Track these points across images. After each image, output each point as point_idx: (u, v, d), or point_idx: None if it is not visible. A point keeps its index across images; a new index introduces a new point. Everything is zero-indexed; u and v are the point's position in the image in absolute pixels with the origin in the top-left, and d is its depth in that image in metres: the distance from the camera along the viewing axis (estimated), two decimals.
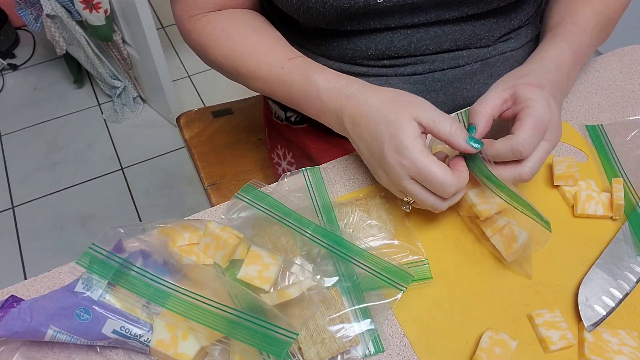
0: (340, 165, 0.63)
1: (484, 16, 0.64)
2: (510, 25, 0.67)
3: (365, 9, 0.58)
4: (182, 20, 0.66)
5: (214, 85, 1.96)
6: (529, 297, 0.52)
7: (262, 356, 0.44)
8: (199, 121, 1.01)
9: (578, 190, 0.58)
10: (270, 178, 0.92)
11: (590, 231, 0.57)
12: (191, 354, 0.46)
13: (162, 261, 0.50)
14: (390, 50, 0.64)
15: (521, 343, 0.49)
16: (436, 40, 0.64)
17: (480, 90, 0.70)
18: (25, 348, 0.48)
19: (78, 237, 1.56)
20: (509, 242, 0.53)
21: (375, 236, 0.55)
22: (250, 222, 0.56)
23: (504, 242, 0.53)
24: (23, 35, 2.10)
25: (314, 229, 0.53)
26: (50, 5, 1.51)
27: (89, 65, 1.74)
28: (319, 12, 0.58)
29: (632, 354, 0.47)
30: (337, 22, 0.60)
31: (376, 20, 0.61)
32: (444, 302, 0.52)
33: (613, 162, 0.62)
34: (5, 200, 1.65)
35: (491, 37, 0.67)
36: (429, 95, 0.68)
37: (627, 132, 0.64)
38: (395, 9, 0.59)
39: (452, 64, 0.66)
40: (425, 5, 0.60)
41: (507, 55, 0.69)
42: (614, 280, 0.52)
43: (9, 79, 1.99)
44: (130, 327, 0.46)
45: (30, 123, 1.86)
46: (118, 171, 1.73)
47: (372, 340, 0.49)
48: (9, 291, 0.52)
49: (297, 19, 0.63)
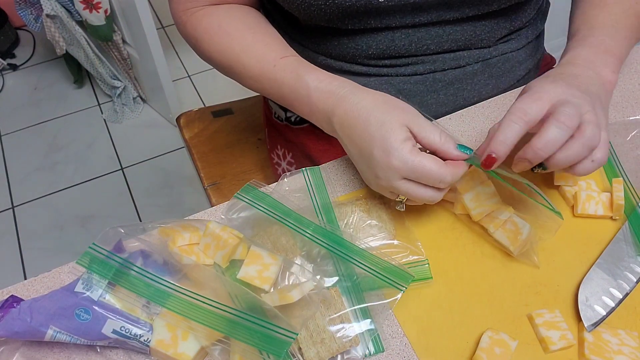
0: (340, 165, 0.63)
1: (485, 17, 0.64)
2: (511, 26, 0.67)
3: (367, 7, 0.58)
4: (177, 12, 0.66)
5: (214, 85, 1.96)
6: (529, 297, 0.52)
7: (262, 356, 0.44)
8: (199, 121, 1.01)
9: (578, 190, 0.58)
10: (270, 178, 0.92)
11: (590, 231, 0.57)
12: (191, 354, 0.46)
13: (162, 261, 0.50)
14: (391, 50, 0.64)
15: (521, 343, 0.49)
16: (437, 40, 0.64)
17: (480, 91, 0.70)
18: (25, 348, 0.48)
19: (78, 237, 1.56)
20: (514, 235, 0.53)
21: (375, 236, 0.55)
22: (250, 222, 0.56)
23: (508, 237, 0.54)
24: (23, 35, 2.10)
25: (314, 229, 0.53)
26: (50, 5, 1.51)
27: (89, 65, 1.74)
28: (321, 10, 0.58)
29: (632, 354, 0.47)
30: (339, 20, 0.60)
31: (377, 19, 0.61)
32: (444, 302, 0.52)
33: (613, 162, 0.62)
34: (5, 200, 1.65)
35: (492, 38, 0.67)
36: (430, 95, 0.68)
37: (627, 132, 0.64)
38: (397, 9, 0.59)
39: (453, 64, 0.66)
40: (427, 6, 0.60)
41: (508, 56, 0.69)
42: (614, 280, 0.52)
43: (9, 79, 1.99)
44: (130, 327, 0.46)
45: (30, 123, 1.86)
46: (118, 171, 1.73)
47: (372, 340, 0.49)
48: (9, 291, 0.52)
49: (298, 16, 0.63)
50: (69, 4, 1.53)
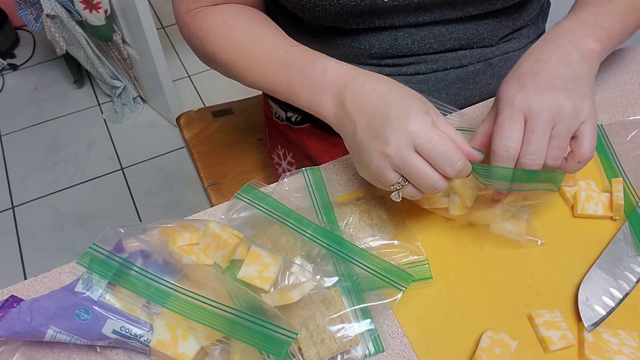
0: (340, 165, 0.63)
1: (488, 16, 0.64)
2: (513, 25, 0.67)
3: (371, 7, 0.58)
4: (180, 13, 0.65)
5: (214, 85, 1.96)
6: (529, 297, 0.52)
7: (262, 356, 0.44)
8: (199, 121, 1.01)
9: (578, 190, 0.58)
10: (270, 178, 0.92)
11: (590, 231, 0.57)
12: (191, 354, 0.46)
13: (162, 261, 0.50)
14: (394, 49, 0.64)
15: (521, 343, 0.49)
16: (440, 39, 0.64)
17: (482, 91, 0.70)
18: (25, 348, 0.48)
19: (78, 237, 1.56)
20: (517, 224, 0.55)
21: (375, 236, 0.55)
22: (250, 222, 0.56)
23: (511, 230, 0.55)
24: (23, 35, 2.10)
25: (314, 229, 0.53)
26: (50, 5, 1.51)
27: (89, 65, 1.74)
28: (326, 10, 0.58)
29: (632, 354, 0.47)
30: (343, 20, 0.60)
31: (381, 18, 0.61)
32: (444, 302, 0.52)
33: (613, 162, 0.62)
34: (5, 200, 1.65)
35: (494, 37, 0.67)
36: (432, 95, 0.68)
37: (627, 132, 0.64)
38: (401, 8, 0.60)
39: (455, 63, 0.67)
40: (431, 5, 0.60)
41: (509, 56, 0.70)
42: (614, 280, 0.52)
43: (9, 79, 1.99)
44: (130, 327, 0.46)
45: (30, 123, 1.86)
46: (118, 171, 1.73)
47: (372, 340, 0.49)
48: (9, 291, 0.52)
49: (301, 16, 0.63)
50: (69, 4, 1.53)
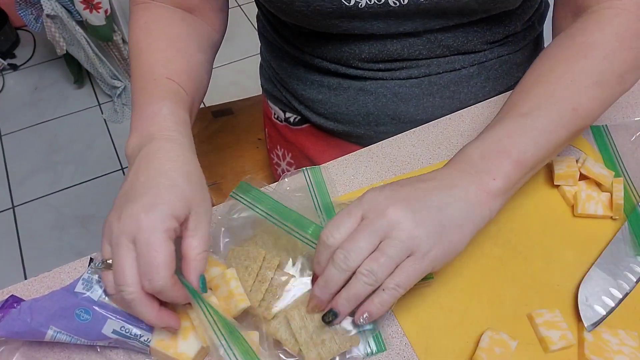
0: (340, 165, 0.63)
1: (475, 24, 0.63)
2: (504, 31, 0.66)
3: (347, 11, 0.57)
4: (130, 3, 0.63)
5: (214, 85, 1.94)
6: (529, 297, 0.52)
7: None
8: (199, 121, 1.00)
9: (578, 190, 0.58)
10: (270, 178, 0.92)
11: (590, 231, 0.57)
12: (191, 354, 0.46)
13: None
14: (384, 54, 0.64)
15: (521, 343, 0.49)
16: (428, 46, 0.63)
17: (477, 94, 0.69)
18: (25, 348, 0.48)
19: (78, 237, 1.56)
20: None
21: None
22: (250, 222, 0.56)
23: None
24: (23, 35, 2.10)
25: (314, 229, 0.53)
26: (50, 5, 1.51)
27: (89, 65, 1.74)
28: (304, 15, 0.58)
29: (632, 354, 0.47)
30: (321, 25, 0.60)
31: (361, 25, 0.60)
32: (444, 302, 0.52)
33: (616, 162, 0.62)
34: (5, 200, 1.65)
35: (485, 43, 0.66)
36: (426, 98, 0.67)
37: (631, 133, 0.64)
38: (379, 15, 0.58)
39: (448, 67, 0.66)
40: (410, 13, 0.58)
41: (504, 59, 0.69)
42: (614, 280, 0.52)
43: (9, 79, 1.99)
44: (130, 327, 0.46)
45: (30, 123, 1.86)
46: (118, 171, 1.73)
47: (374, 339, 0.49)
48: (9, 291, 0.52)
49: (286, 20, 0.63)
50: (69, 4, 1.53)
